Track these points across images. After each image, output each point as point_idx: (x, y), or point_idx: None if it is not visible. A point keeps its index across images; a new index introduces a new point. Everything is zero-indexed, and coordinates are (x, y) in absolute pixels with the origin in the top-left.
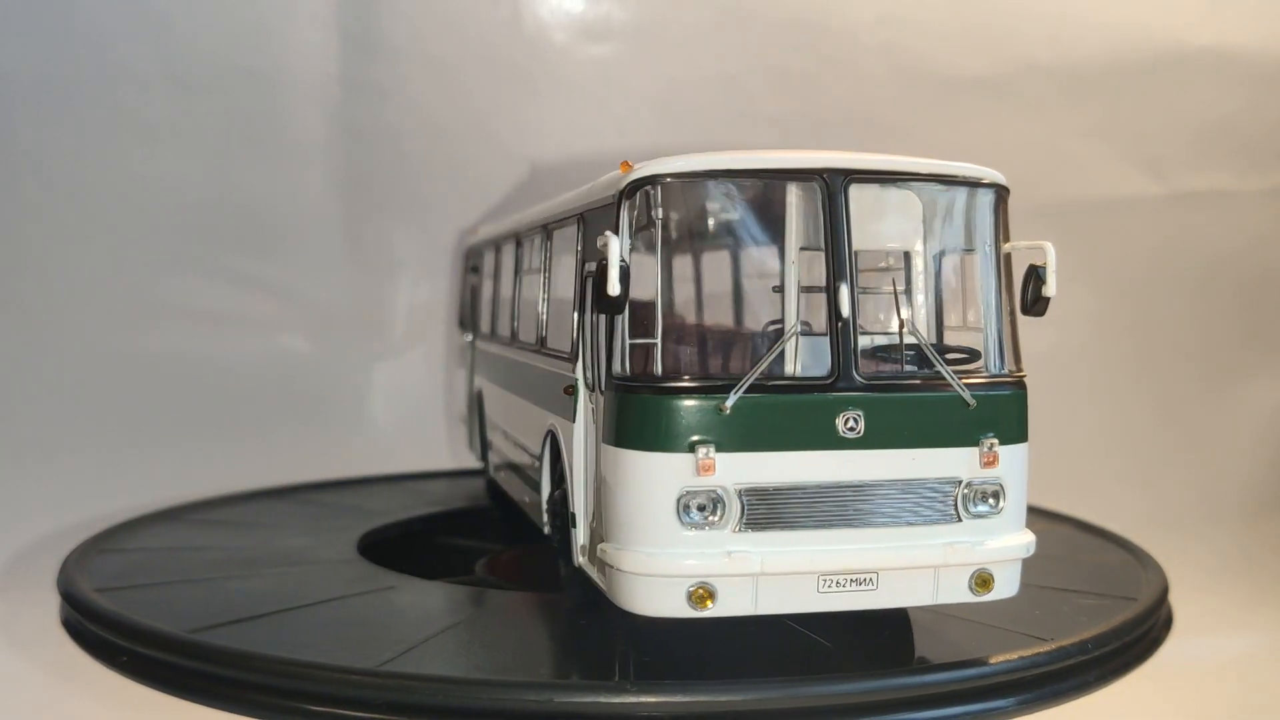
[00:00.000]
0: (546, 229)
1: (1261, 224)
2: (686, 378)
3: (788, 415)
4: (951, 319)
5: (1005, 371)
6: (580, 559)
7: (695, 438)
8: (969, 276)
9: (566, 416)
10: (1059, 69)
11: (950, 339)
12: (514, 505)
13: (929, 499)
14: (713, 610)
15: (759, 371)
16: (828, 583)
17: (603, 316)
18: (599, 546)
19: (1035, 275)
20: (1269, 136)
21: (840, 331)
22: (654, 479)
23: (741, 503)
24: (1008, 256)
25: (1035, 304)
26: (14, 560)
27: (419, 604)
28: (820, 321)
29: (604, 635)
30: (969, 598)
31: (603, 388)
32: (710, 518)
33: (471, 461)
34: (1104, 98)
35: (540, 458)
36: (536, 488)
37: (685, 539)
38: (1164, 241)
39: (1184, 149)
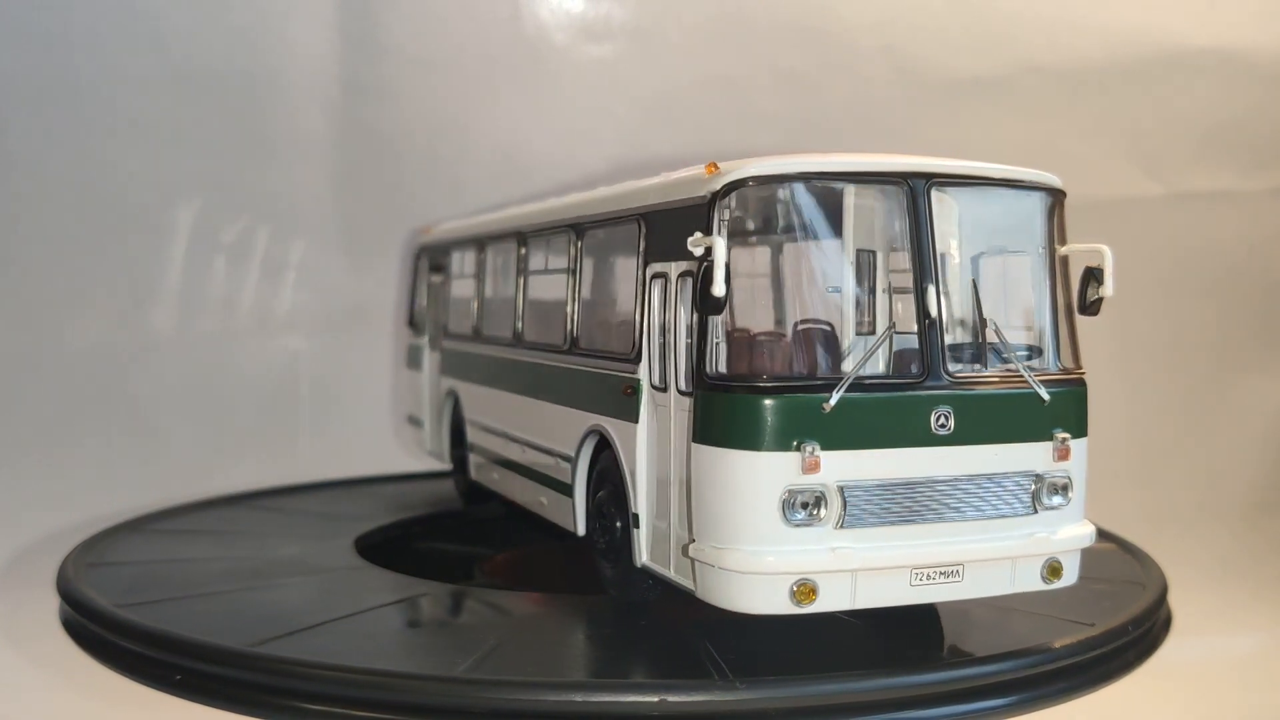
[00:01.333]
0: (577, 228)
1: (1262, 224)
2: (787, 377)
3: (884, 413)
4: (1014, 318)
5: (1067, 368)
6: (644, 558)
7: (800, 436)
8: (1028, 277)
9: (624, 417)
10: (1058, 70)
11: (1010, 337)
12: (517, 508)
13: (1010, 492)
14: (814, 606)
15: (859, 370)
16: (920, 576)
17: (682, 316)
18: (691, 546)
19: (1092, 277)
20: (1270, 136)
21: (929, 331)
22: (758, 478)
23: (842, 499)
24: (1064, 258)
25: (1091, 304)
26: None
27: (465, 609)
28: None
29: (673, 634)
30: (1040, 586)
31: (684, 388)
32: (814, 515)
33: (426, 464)
34: (1104, 98)
35: (575, 459)
36: (565, 489)
37: (789, 536)
38: (1164, 241)
39: (1184, 149)
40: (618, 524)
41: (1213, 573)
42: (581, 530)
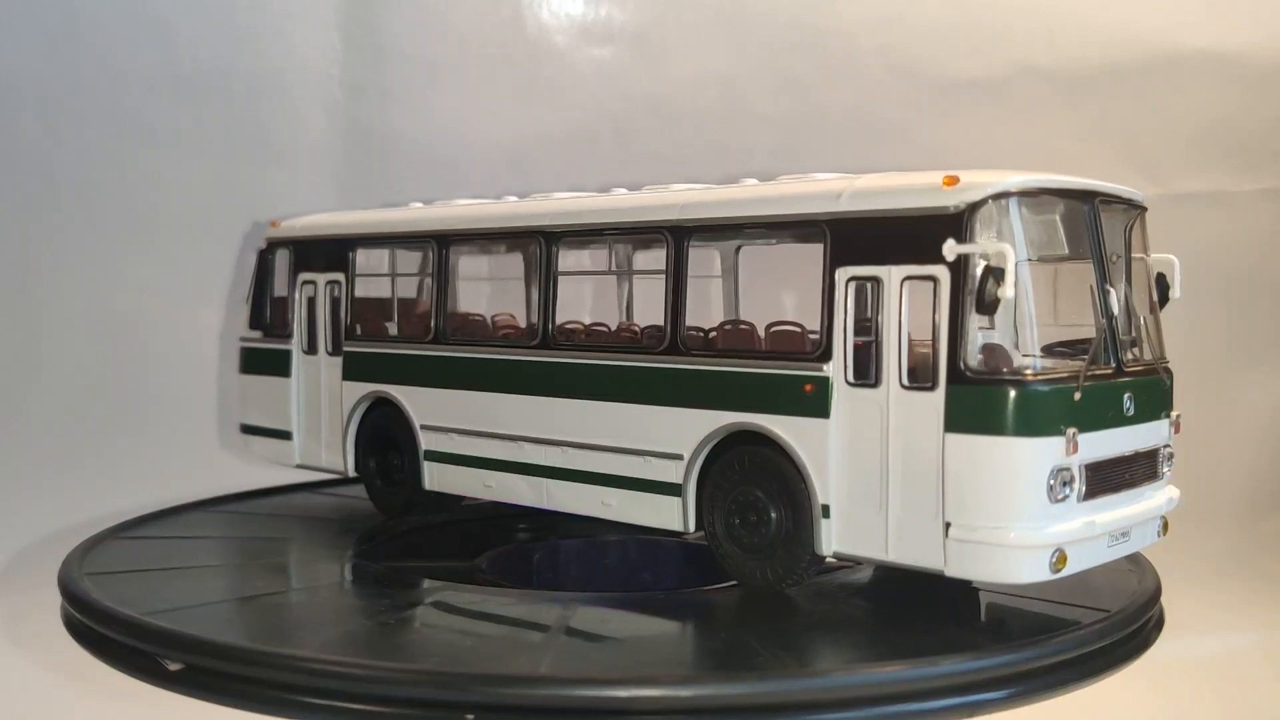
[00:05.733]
0: (678, 230)
1: (1257, 225)
2: (1051, 370)
3: (1100, 399)
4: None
5: (1160, 358)
6: (835, 547)
7: (1063, 422)
8: (1130, 280)
9: (802, 413)
10: (1055, 71)
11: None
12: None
13: (1154, 462)
14: (1063, 572)
15: (1095, 363)
16: (1113, 539)
17: (905, 317)
18: (953, 528)
19: (1163, 281)
20: (1265, 137)
21: (1110, 327)
22: (1032, 461)
23: (1086, 476)
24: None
25: (1161, 306)
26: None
27: (636, 622)
28: None
29: (888, 614)
30: (1156, 540)
31: (908, 383)
32: (1070, 491)
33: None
34: (1100, 99)
35: (690, 458)
36: (663, 489)
37: (1052, 512)
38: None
39: (1180, 150)
40: (772, 516)
41: (1207, 572)
42: (692, 527)
